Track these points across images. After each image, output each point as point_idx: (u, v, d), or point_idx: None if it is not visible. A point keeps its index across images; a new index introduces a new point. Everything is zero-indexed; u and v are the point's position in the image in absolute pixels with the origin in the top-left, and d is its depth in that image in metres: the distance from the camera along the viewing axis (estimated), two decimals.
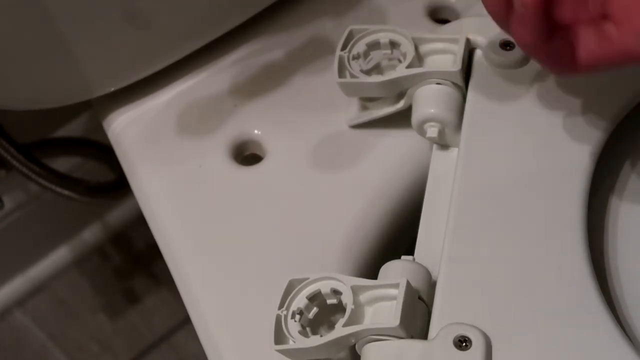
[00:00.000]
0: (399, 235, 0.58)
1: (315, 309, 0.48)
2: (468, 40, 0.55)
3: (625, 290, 0.50)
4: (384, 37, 0.56)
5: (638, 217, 0.52)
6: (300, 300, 0.48)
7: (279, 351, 0.47)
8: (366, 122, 0.59)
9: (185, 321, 1.13)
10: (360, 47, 0.56)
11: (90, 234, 1.16)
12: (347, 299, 0.47)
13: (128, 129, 0.63)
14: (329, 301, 0.48)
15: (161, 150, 0.61)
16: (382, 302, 0.47)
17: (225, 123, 0.61)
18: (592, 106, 0.52)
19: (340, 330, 0.46)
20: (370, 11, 0.64)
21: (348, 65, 0.55)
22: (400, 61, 0.55)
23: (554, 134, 0.52)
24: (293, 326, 0.47)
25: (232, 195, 0.59)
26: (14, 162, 0.78)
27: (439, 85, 0.54)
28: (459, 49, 0.54)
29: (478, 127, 0.53)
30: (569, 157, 0.51)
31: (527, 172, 0.51)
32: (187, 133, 0.62)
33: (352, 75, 0.55)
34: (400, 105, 0.56)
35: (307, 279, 0.48)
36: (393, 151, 0.58)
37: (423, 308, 0.47)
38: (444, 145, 0.55)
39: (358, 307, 0.47)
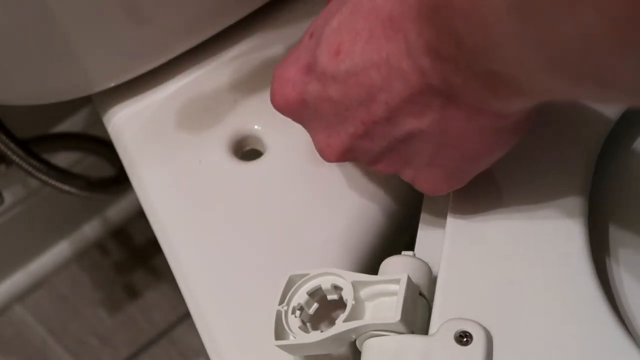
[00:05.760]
0: (399, 230, 0.57)
1: (315, 305, 0.48)
2: None
3: (627, 285, 0.50)
4: None
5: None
6: (300, 296, 0.48)
7: (279, 347, 0.47)
8: None
9: (185, 316, 1.13)
10: None
11: (91, 229, 1.16)
12: (347, 295, 0.47)
13: (128, 124, 0.63)
14: (330, 297, 0.48)
15: (161, 146, 0.61)
16: (382, 297, 0.46)
17: (225, 118, 0.61)
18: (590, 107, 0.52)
19: (340, 325, 0.46)
20: None
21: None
22: None
23: (554, 129, 0.52)
24: (293, 322, 0.47)
25: (232, 190, 0.59)
26: (14, 158, 0.78)
27: None
28: None
29: None
30: (570, 153, 0.51)
31: (528, 167, 0.51)
32: (187, 128, 0.61)
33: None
34: None
35: (308, 274, 0.48)
36: None
37: (424, 303, 0.47)
38: None
39: (359, 303, 0.47)
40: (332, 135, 0.48)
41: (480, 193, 0.50)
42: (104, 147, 0.89)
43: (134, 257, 1.17)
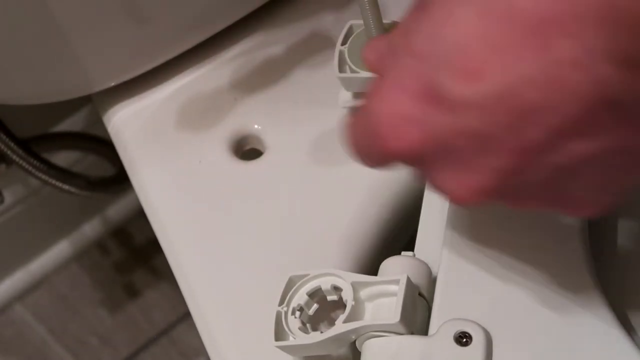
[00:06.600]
0: (399, 231, 0.57)
1: (315, 305, 0.48)
2: None
3: (627, 285, 0.50)
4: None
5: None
6: (300, 297, 0.48)
7: (279, 347, 0.47)
8: None
9: (185, 315, 1.13)
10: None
11: (91, 229, 1.16)
12: (347, 295, 0.46)
13: (128, 123, 0.63)
14: (329, 297, 0.48)
15: (161, 145, 0.61)
16: (382, 298, 0.46)
17: (225, 118, 0.61)
18: None
19: (340, 326, 0.46)
20: None
21: (348, 60, 0.55)
22: None
23: None
24: (293, 322, 0.47)
25: (232, 190, 0.59)
26: (14, 157, 0.78)
27: None
28: None
29: None
30: None
31: None
32: (187, 128, 0.61)
33: (352, 70, 0.55)
34: None
35: (308, 275, 0.48)
36: None
37: (423, 304, 0.47)
38: None
39: (358, 304, 0.46)
40: (468, 172, 0.40)
41: None
42: (104, 147, 0.89)
43: (134, 257, 1.17)
